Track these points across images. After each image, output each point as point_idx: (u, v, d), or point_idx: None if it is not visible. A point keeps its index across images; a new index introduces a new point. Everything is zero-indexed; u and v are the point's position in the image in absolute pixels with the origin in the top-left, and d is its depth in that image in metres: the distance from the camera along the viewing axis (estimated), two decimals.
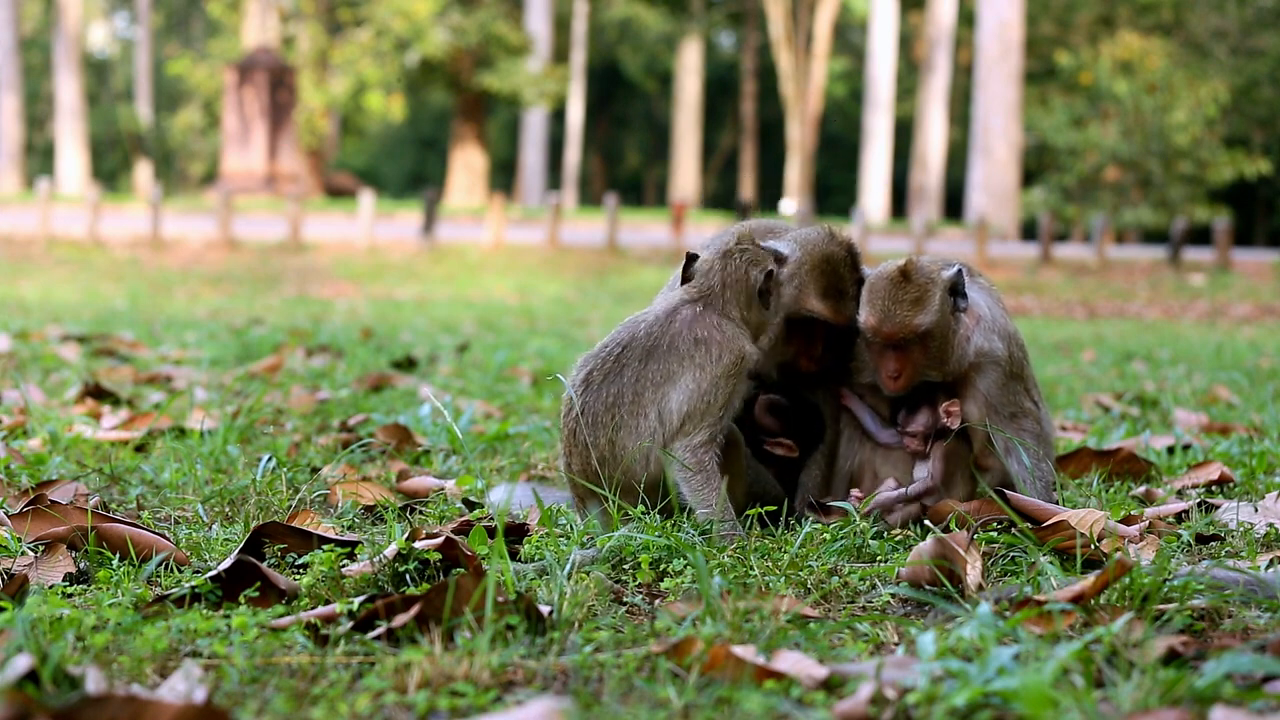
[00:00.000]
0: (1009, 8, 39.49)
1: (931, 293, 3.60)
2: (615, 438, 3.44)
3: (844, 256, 3.72)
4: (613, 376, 3.48)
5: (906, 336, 3.59)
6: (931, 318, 3.59)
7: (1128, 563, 2.68)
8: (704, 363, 3.44)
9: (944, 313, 3.62)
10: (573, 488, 3.58)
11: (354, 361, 8.16)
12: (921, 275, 3.61)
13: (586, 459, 3.48)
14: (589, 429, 3.47)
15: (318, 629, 2.57)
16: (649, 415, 3.44)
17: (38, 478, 4.03)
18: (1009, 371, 3.73)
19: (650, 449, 3.43)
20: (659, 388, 3.44)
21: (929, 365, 3.64)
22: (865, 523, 3.39)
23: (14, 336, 9.15)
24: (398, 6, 44.18)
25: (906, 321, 3.57)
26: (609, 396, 3.46)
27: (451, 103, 51.80)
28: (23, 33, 53.36)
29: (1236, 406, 6.66)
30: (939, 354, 3.63)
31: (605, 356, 3.51)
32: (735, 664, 2.34)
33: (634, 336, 3.50)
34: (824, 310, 3.68)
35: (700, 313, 3.51)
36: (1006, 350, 3.74)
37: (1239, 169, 44.21)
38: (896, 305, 3.58)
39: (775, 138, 59.67)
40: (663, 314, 3.53)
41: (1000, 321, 3.79)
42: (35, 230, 29.68)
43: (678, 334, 3.47)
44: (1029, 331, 14.52)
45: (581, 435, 3.48)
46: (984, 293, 3.84)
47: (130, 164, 59.98)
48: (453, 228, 34.46)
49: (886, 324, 3.58)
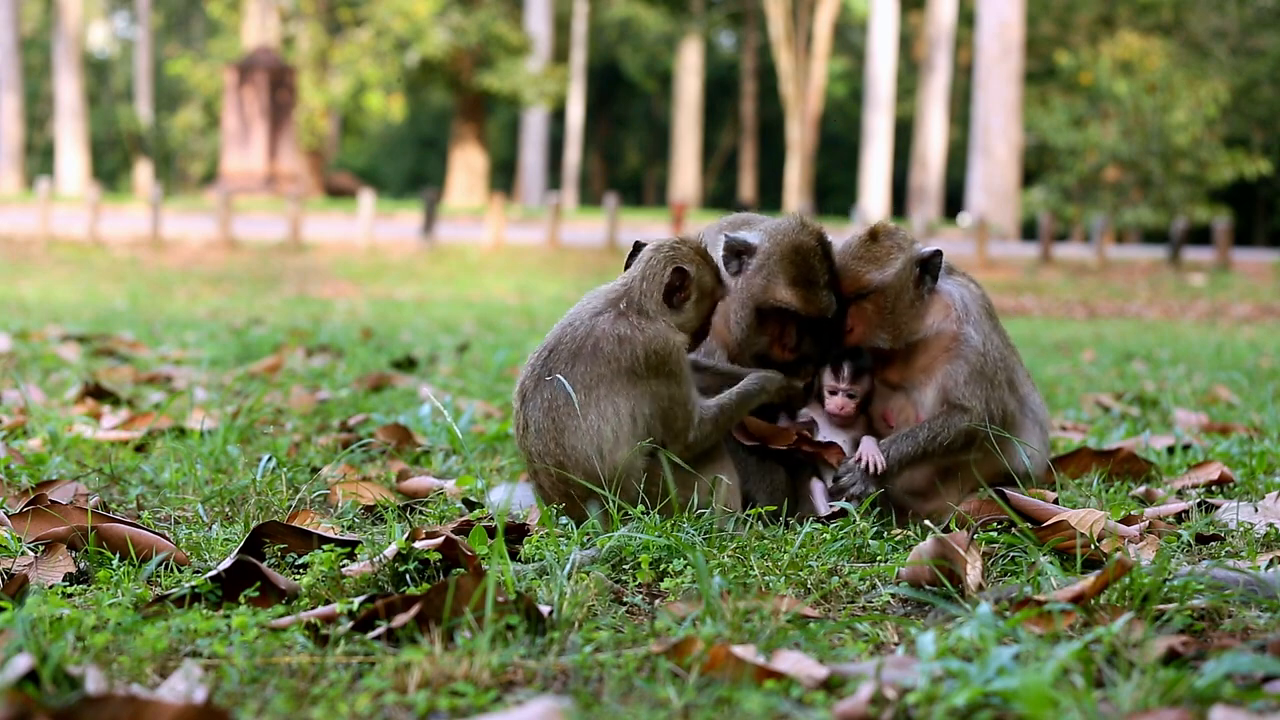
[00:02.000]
0: (1009, 8, 39.48)
1: (894, 256, 3.74)
2: (563, 441, 3.46)
3: (814, 246, 3.71)
4: (544, 384, 3.49)
5: (858, 291, 3.72)
6: (885, 278, 3.71)
7: (1128, 563, 2.68)
8: (633, 366, 3.44)
9: (903, 279, 3.74)
10: (543, 497, 3.59)
11: (354, 361, 8.16)
12: (890, 240, 3.77)
13: (546, 469, 3.51)
14: (537, 438, 3.49)
15: (318, 629, 2.57)
16: (589, 416, 3.43)
17: (38, 478, 4.03)
18: (979, 366, 3.76)
19: (602, 447, 3.43)
20: (591, 390, 3.44)
21: (880, 326, 3.73)
22: (865, 523, 3.39)
23: (14, 336, 9.15)
24: (398, 6, 44.17)
25: (859, 275, 3.72)
26: (544, 402, 3.47)
27: (451, 103, 51.80)
28: (23, 33, 53.35)
29: (1236, 406, 6.66)
30: (892, 318, 3.73)
31: (535, 363, 3.53)
32: (735, 664, 2.34)
33: (560, 340, 3.51)
34: (792, 300, 3.67)
35: (622, 310, 3.51)
36: (981, 344, 3.77)
37: (1239, 169, 44.18)
38: (855, 260, 3.75)
39: (775, 138, 59.65)
40: (587, 315, 3.53)
41: (977, 318, 3.83)
42: (35, 230, 29.68)
43: (602, 335, 3.48)
44: (1029, 331, 14.51)
45: (534, 446, 3.51)
46: (965, 291, 3.87)
47: (130, 164, 59.97)
48: (453, 228, 34.45)
49: (843, 274, 3.73)
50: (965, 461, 3.77)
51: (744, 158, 58.11)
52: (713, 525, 3.39)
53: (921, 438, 3.71)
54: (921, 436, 3.71)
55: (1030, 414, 3.96)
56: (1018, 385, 3.91)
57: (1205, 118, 43.65)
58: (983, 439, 3.74)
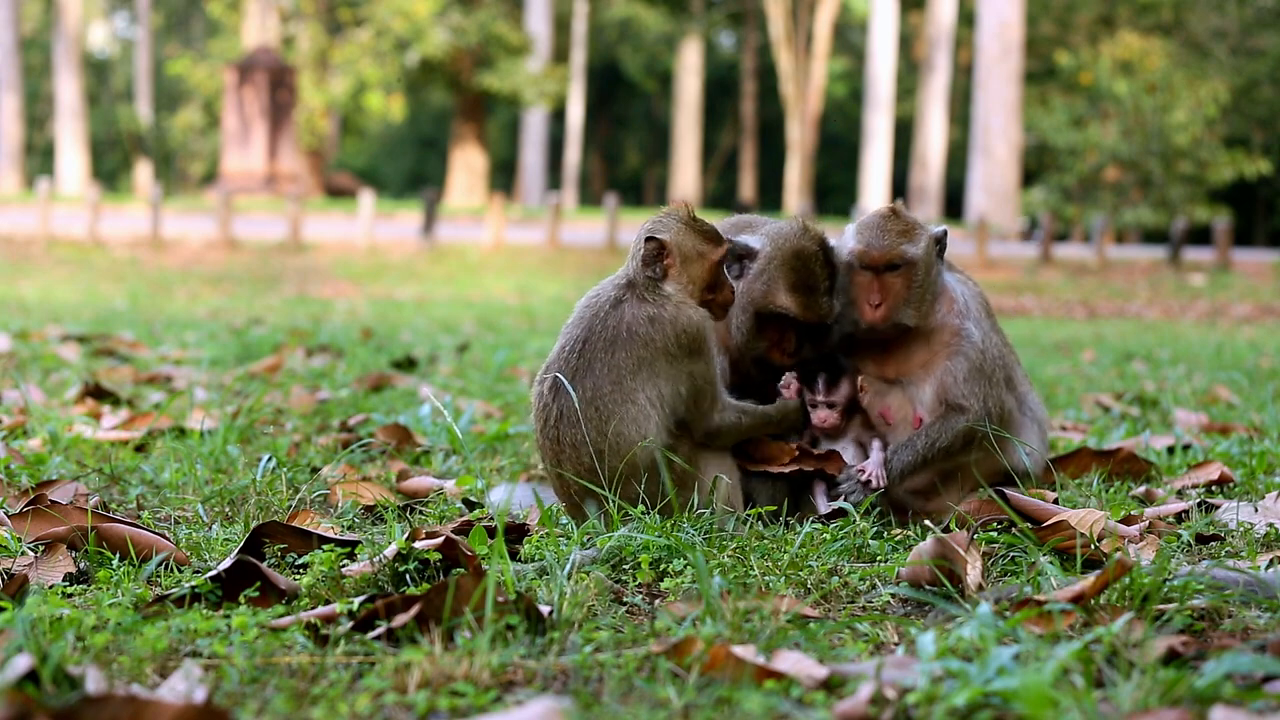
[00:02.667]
0: (1009, 8, 39.47)
1: (920, 232, 3.76)
2: (607, 428, 3.45)
3: (815, 251, 3.70)
4: (583, 373, 3.49)
5: (894, 261, 3.71)
6: (918, 250, 3.72)
7: (1128, 563, 2.68)
8: (667, 346, 3.47)
9: (929, 255, 3.76)
10: (563, 491, 3.59)
11: (354, 361, 8.16)
12: (909, 217, 3.79)
13: (578, 458, 3.49)
14: (573, 428, 3.48)
15: (318, 629, 2.57)
16: (638, 400, 3.44)
17: (38, 478, 4.03)
18: (978, 364, 3.76)
19: (647, 431, 3.44)
20: (636, 374, 3.46)
21: (908, 301, 3.72)
22: (865, 523, 3.39)
23: (14, 336, 9.15)
24: (398, 6, 44.16)
25: (894, 245, 3.72)
26: (586, 392, 3.47)
27: (451, 103, 51.80)
28: (23, 33, 53.34)
29: (1236, 406, 6.66)
30: (919, 294, 3.73)
31: (568, 355, 3.53)
32: (735, 664, 2.34)
33: (591, 331, 3.52)
34: (792, 305, 3.66)
35: (637, 294, 3.53)
36: (981, 340, 3.78)
37: (1239, 169, 44.18)
38: (887, 233, 3.74)
39: (775, 138, 59.64)
40: (608, 305, 3.55)
41: (977, 315, 3.84)
42: (35, 230, 29.68)
43: (633, 319, 3.49)
44: (1029, 331, 14.51)
45: (568, 436, 3.49)
46: (965, 288, 3.87)
47: (130, 164, 59.96)
48: (453, 228, 34.44)
49: (876, 246, 3.71)
50: (966, 463, 3.77)
51: (744, 158, 58.10)
52: (713, 525, 3.38)
53: (920, 446, 3.71)
54: (920, 445, 3.71)
55: (1029, 412, 3.96)
56: (1016, 383, 3.91)
57: (1205, 118, 43.65)
58: (982, 438, 3.74)
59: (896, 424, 3.80)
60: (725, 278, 3.62)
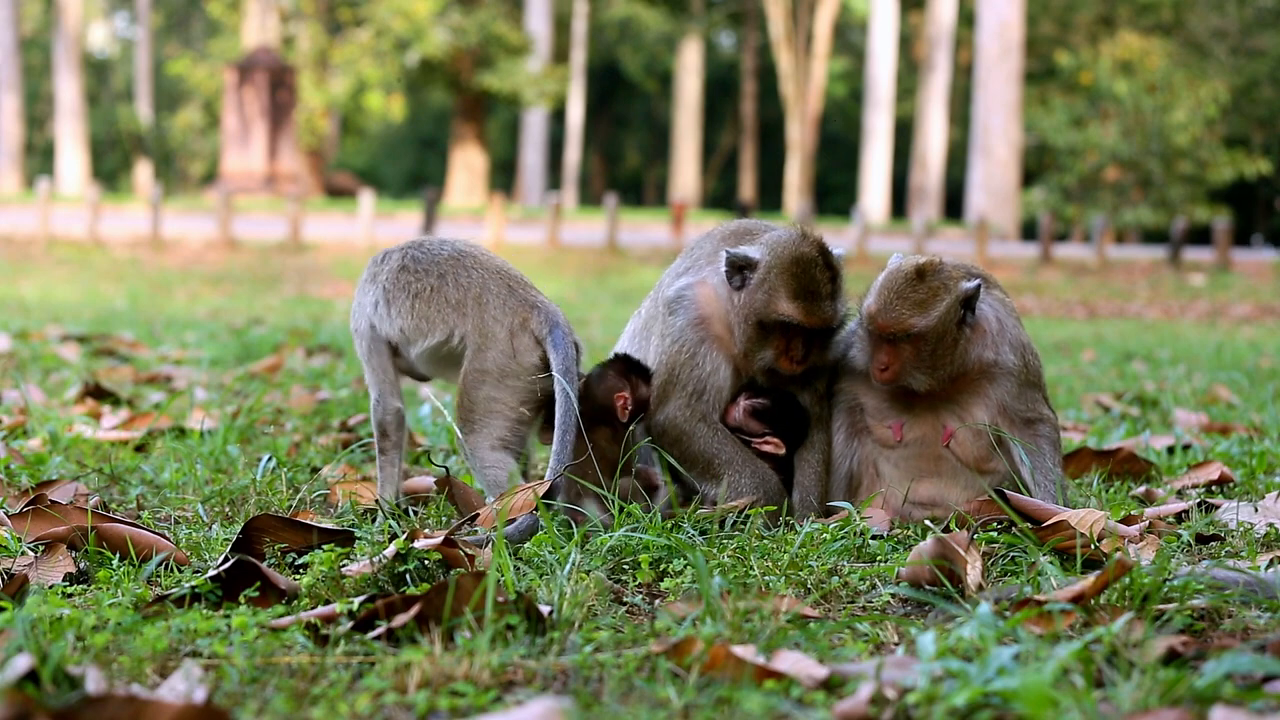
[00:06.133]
0: (1009, 8, 39.47)
1: (940, 298, 3.61)
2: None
3: (815, 257, 3.68)
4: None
5: (899, 334, 3.62)
6: (929, 323, 3.60)
7: (1128, 563, 2.68)
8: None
9: (947, 321, 3.62)
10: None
11: (354, 361, 8.15)
12: (936, 279, 3.62)
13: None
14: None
15: (318, 629, 2.57)
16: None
17: (38, 478, 4.03)
18: (1024, 380, 3.75)
19: None
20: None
21: (918, 368, 3.65)
22: (865, 522, 3.39)
23: (14, 336, 9.15)
24: (398, 6, 44.14)
25: (902, 319, 3.60)
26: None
27: (451, 103, 51.78)
28: (23, 33, 53.35)
29: (1236, 406, 6.66)
30: (930, 360, 3.64)
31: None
32: (735, 664, 2.34)
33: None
34: (794, 313, 3.65)
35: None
36: (1021, 360, 3.76)
37: (1239, 169, 44.18)
38: (900, 301, 3.62)
39: (775, 138, 59.63)
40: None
41: (1013, 332, 3.80)
42: (35, 230, 29.66)
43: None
44: (1029, 331, 14.48)
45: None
46: (998, 304, 3.83)
47: (130, 164, 59.94)
48: (453, 228, 34.41)
49: (882, 316, 3.63)
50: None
51: (744, 158, 58.08)
52: (712, 525, 3.38)
53: (1053, 486, 3.67)
54: (1052, 486, 3.66)
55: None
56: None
57: (1205, 118, 43.66)
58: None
59: (958, 439, 3.73)
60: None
